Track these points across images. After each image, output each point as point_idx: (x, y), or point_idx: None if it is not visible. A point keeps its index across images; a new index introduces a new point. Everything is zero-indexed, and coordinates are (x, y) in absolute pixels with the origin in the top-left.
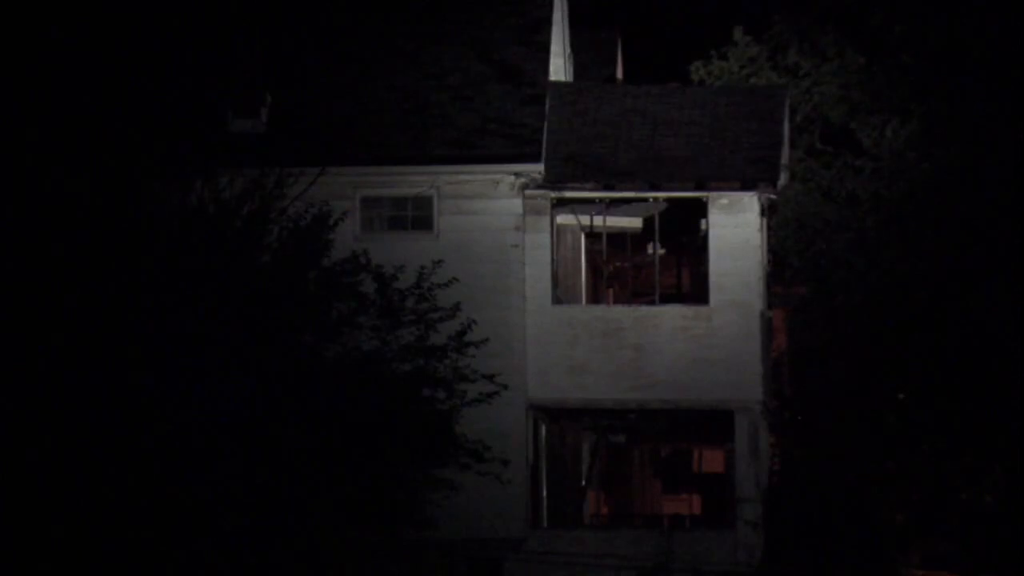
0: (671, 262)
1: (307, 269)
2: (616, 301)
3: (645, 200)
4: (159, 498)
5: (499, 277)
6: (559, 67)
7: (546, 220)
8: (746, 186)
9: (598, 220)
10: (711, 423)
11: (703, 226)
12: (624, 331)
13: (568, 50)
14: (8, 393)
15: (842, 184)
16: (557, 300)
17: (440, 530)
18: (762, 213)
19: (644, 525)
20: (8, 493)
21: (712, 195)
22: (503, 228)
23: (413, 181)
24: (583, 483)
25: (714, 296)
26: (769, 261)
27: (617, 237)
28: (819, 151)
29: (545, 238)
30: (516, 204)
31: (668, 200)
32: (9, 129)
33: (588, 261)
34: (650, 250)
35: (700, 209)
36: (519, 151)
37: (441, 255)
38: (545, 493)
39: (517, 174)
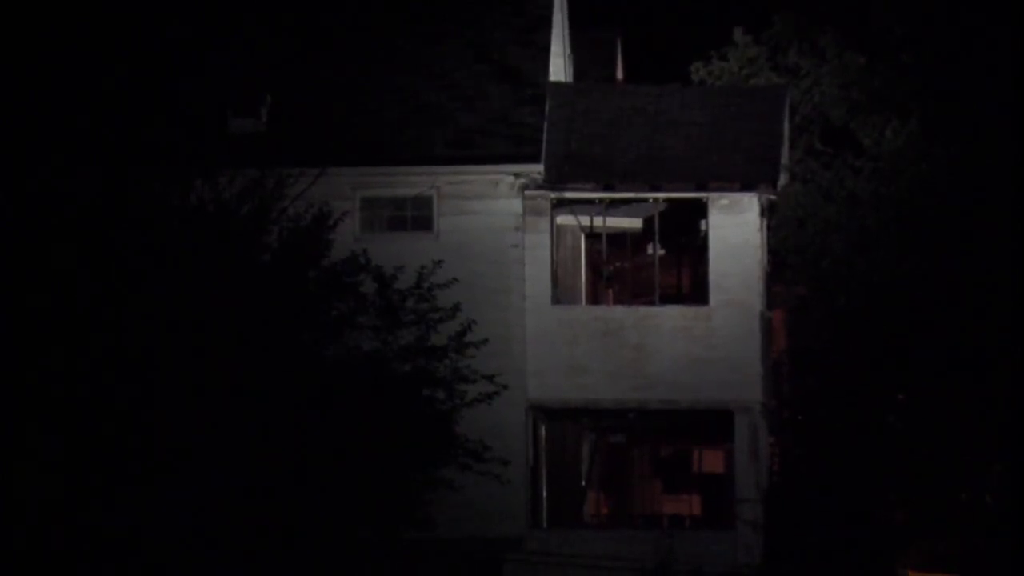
0: (671, 262)
1: (307, 269)
2: (616, 301)
3: (645, 200)
4: (158, 497)
5: (499, 277)
6: (559, 67)
7: (546, 220)
8: (746, 186)
9: (598, 220)
10: (711, 423)
11: (703, 226)
12: (624, 331)
13: (568, 50)
14: (7, 395)
15: (842, 184)
16: (557, 300)
17: (440, 530)
18: (762, 213)
19: (644, 525)
20: (8, 497)
21: (712, 195)
22: (503, 228)
23: (413, 181)
24: (583, 483)
25: (714, 296)
26: (769, 261)
27: (617, 237)
28: (819, 151)
29: (545, 238)
30: (516, 204)
31: (668, 200)
32: (9, 129)
33: (588, 261)
34: (650, 250)
35: (700, 209)
36: (519, 151)
37: (441, 255)
38: (545, 493)
39: (517, 174)
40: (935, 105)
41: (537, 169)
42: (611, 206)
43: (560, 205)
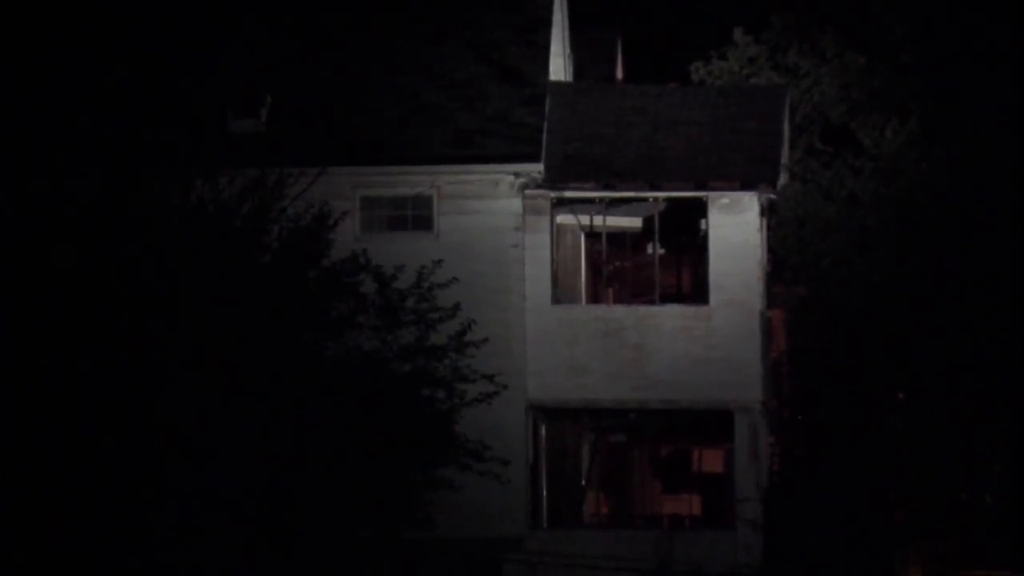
0: (671, 262)
1: (307, 269)
2: (616, 301)
3: (645, 200)
4: (158, 497)
5: (499, 277)
6: (559, 67)
7: (546, 220)
8: (746, 186)
9: (598, 220)
10: (711, 423)
11: (703, 226)
12: (624, 331)
13: (568, 50)
14: (7, 395)
15: (842, 184)
16: (557, 300)
17: (440, 530)
18: (762, 213)
19: (644, 525)
20: (8, 497)
21: (712, 195)
22: (503, 228)
23: (413, 181)
24: (583, 483)
25: (714, 296)
26: (769, 261)
27: (617, 237)
28: (819, 151)
29: (545, 238)
30: (516, 204)
31: (668, 200)
32: (9, 129)
33: (588, 261)
34: (650, 250)
35: (700, 209)
36: (519, 151)
37: (441, 255)
38: (545, 493)
39: (517, 174)
40: (935, 105)
41: (537, 169)
42: (611, 206)
43: (560, 205)
